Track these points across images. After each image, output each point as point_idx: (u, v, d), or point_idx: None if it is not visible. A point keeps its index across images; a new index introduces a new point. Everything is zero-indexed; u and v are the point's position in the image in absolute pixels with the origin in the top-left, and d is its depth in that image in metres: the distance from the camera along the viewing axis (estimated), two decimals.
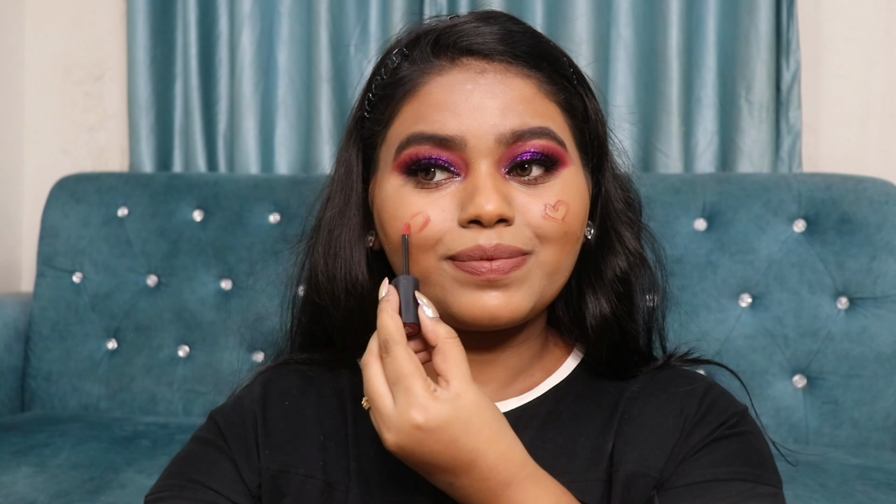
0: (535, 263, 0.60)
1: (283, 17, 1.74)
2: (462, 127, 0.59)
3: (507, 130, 0.59)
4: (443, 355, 0.55)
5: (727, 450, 0.60)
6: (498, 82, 0.61)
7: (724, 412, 0.63)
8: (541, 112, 0.61)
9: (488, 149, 0.59)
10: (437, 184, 0.60)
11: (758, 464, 0.60)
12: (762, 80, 1.59)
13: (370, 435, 0.64)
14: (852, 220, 1.40)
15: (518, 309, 0.60)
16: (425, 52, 0.63)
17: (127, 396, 1.56)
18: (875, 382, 1.36)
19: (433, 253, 0.60)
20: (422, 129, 0.60)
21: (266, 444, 0.65)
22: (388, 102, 0.64)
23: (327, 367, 0.70)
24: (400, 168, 0.61)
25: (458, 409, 0.53)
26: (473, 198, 0.58)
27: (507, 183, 0.60)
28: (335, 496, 0.62)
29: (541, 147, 0.60)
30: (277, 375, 0.71)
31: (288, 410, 0.67)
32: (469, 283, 0.59)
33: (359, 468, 0.63)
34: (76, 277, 1.61)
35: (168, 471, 0.65)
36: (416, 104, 0.62)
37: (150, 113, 1.79)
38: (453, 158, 0.60)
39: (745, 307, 1.42)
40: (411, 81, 0.62)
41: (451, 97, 0.60)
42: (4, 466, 1.21)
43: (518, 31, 0.63)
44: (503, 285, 0.59)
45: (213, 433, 0.67)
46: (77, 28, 1.89)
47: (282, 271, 0.76)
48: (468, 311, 0.60)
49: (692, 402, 0.63)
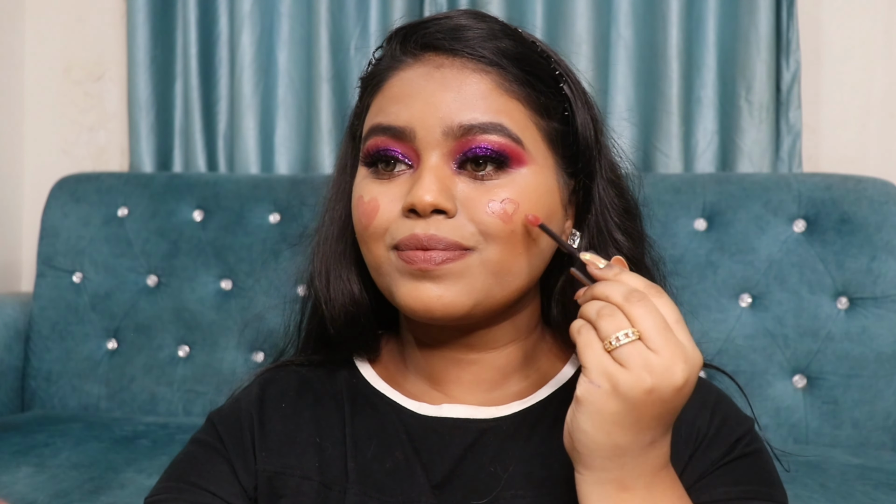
0: (477, 260, 0.59)
1: (283, 17, 1.74)
2: (412, 118, 0.60)
3: (454, 124, 0.59)
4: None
5: (743, 469, 0.62)
6: (453, 77, 0.61)
7: (736, 428, 0.64)
8: (496, 108, 0.60)
9: (436, 141, 0.60)
10: (392, 174, 0.61)
11: (770, 482, 0.62)
12: (762, 80, 1.59)
13: (367, 435, 0.64)
14: (852, 220, 1.40)
15: (452, 304, 0.59)
16: (394, 48, 0.65)
17: (127, 396, 1.56)
18: (875, 382, 1.36)
19: (382, 242, 0.61)
20: (379, 121, 0.62)
21: (262, 446, 0.65)
22: (363, 97, 0.66)
23: (325, 368, 0.70)
24: (364, 159, 0.63)
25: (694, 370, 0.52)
26: (414, 188, 0.59)
27: (455, 177, 0.60)
28: (332, 497, 0.62)
29: (491, 143, 0.59)
30: (275, 377, 0.71)
31: (285, 412, 0.67)
32: (406, 273, 0.60)
33: (356, 468, 0.63)
34: (76, 277, 1.61)
35: (167, 473, 0.66)
36: (379, 97, 0.63)
37: (150, 113, 1.79)
38: (405, 150, 0.61)
39: (745, 307, 1.42)
40: (379, 76, 0.64)
41: (407, 90, 0.61)
42: (4, 466, 1.21)
43: (482, 28, 0.63)
44: (436, 277, 0.59)
45: (211, 435, 0.67)
46: (77, 28, 1.89)
47: (282, 271, 0.76)
48: (405, 301, 0.60)
49: (704, 414, 0.64)
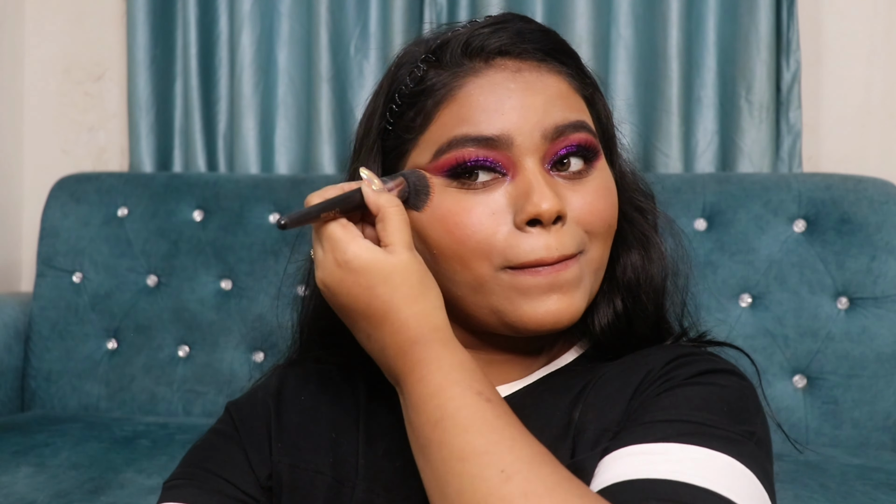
0: (585, 261, 0.60)
1: (283, 17, 1.74)
2: (507, 126, 0.59)
3: (550, 126, 0.59)
4: (383, 223, 0.57)
5: (681, 396, 0.55)
6: (535, 80, 0.61)
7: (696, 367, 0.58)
8: (576, 106, 0.62)
9: (535, 146, 0.59)
10: (484, 185, 0.60)
11: (718, 412, 0.53)
12: (762, 80, 1.59)
13: (381, 433, 0.65)
14: (852, 220, 1.40)
15: (578, 310, 0.60)
16: (456, 56, 0.62)
17: (127, 396, 1.56)
18: (875, 382, 1.36)
19: (488, 262, 0.59)
20: (465, 132, 0.59)
21: (279, 438, 0.66)
22: (419, 110, 0.63)
23: (343, 366, 0.71)
24: (440, 170, 0.60)
25: (379, 261, 0.55)
26: (529, 197, 0.58)
27: (553, 179, 0.60)
28: (343, 493, 0.63)
29: (581, 140, 0.60)
30: (294, 371, 0.72)
31: (302, 406, 0.68)
32: (529, 289, 0.59)
33: (366, 465, 0.64)
34: (76, 277, 1.61)
35: (185, 459, 0.67)
36: (454, 107, 0.61)
37: (150, 113, 1.79)
38: (500, 158, 0.59)
39: (745, 307, 1.42)
40: (446, 86, 0.62)
41: (493, 97, 0.60)
42: (4, 466, 1.21)
43: (539, 30, 0.65)
44: (562, 287, 0.59)
45: (228, 424, 0.68)
46: (77, 28, 1.89)
47: (282, 271, 0.76)
48: (531, 318, 0.59)
49: (663, 358, 0.59)
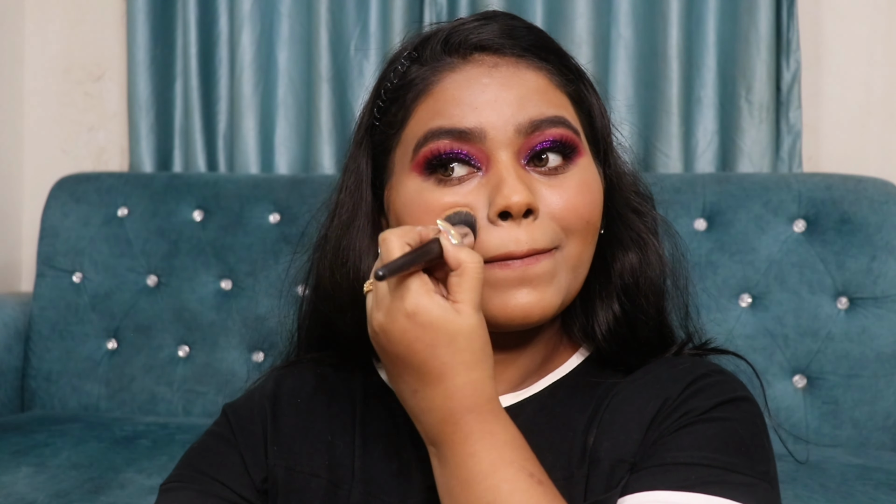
0: (561, 258, 0.60)
1: (283, 17, 1.74)
2: (481, 119, 0.60)
3: (525, 120, 0.60)
4: (460, 277, 0.54)
5: (699, 434, 0.56)
6: (511, 75, 0.61)
7: (711, 398, 0.59)
8: (555, 102, 0.62)
9: (508, 140, 0.60)
10: (459, 179, 0.60)
11: (735, 452, 0.55)
12: (762, 80, 1.59)
13: (377, 436, 0.65)
14: (852, 220, 1.40)
15: (550, 305, 0.59)
16: (436, 52, 0.63)
17: (127, 396, 1.56)
18: (875, 382, 1.36)
19: None
20: (440, 124, 0.60)
21: (275, 440, 0.66)
22: (400, 105, 0.64)
23: (343, 367, 0.70)
24: (419, 167, 0.61)
25: (449, 321, 0.52)
26: (500, 189, 0.58)
27: (528, 174, 0.60)
28: (339, 496, 0.63)
29: (558, 135, 0.60)
30: (291, 373, 0.71)
31: (299, 408, 0.68)
32: (501, 283, 0.59)
33: (363, 467, 0.63)
34: (76, 277, 1.61)
35: (182, 461, 0.67)
36: (431, 102, 0.62)
37: (150, 113, 1.79)
38: (473, 151, 0.60)
39: (745, 307, 1.42)
40: (424, 81, 0.63)
41: (468, 91, 0.60)
42: (4, 466, 1.21)
43: (522, 26, 0.64)
44: (532, 282, 0.58)
45: (224, 427, 0.68)
46: (77, 28, 1.89)
47: (282, 271, 0.76)
48: (503, 311, 0.59)
49: (678, 385, 0.60)
